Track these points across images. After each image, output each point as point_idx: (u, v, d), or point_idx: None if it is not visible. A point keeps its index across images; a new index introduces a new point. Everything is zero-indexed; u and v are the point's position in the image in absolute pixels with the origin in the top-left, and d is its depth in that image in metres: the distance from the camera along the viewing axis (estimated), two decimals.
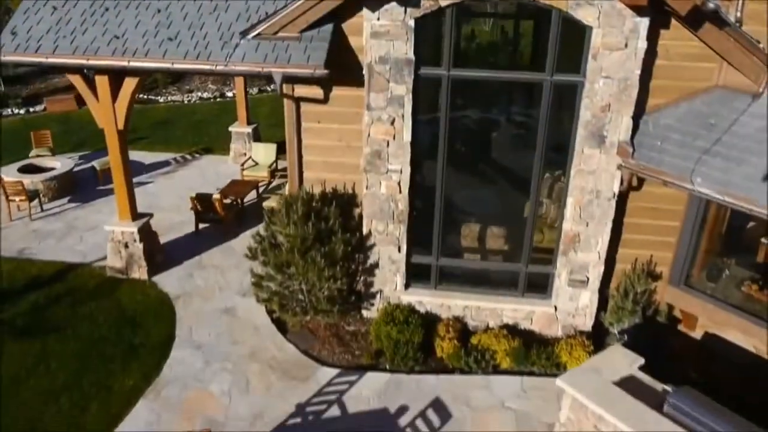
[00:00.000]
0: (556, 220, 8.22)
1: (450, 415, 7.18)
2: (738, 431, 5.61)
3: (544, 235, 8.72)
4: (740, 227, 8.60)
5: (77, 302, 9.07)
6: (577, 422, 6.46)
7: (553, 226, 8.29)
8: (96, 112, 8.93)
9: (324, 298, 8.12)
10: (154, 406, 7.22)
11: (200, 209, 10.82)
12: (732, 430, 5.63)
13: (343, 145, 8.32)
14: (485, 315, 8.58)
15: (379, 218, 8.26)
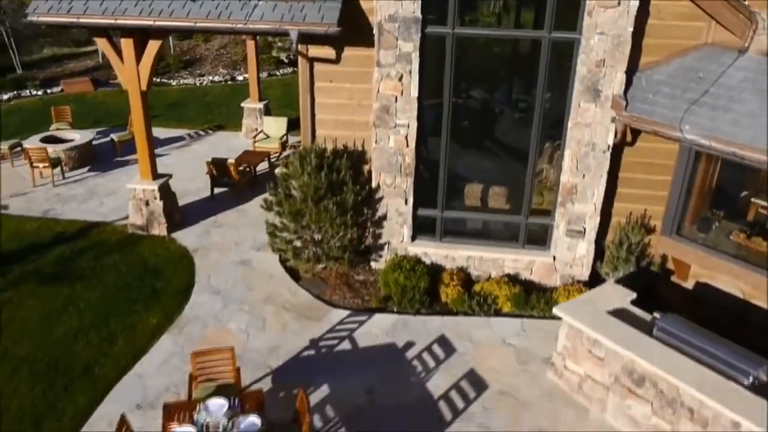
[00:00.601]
0: (555, 183, 8.68)
1: (454, 349, 7.66)
2: (724, 350, 6.07)
3: (543, 197, 9.21)
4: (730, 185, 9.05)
5: (101, 254, 9.59)
6: (572, 349, 6.93)
7: (552, 188, 8.76)
8: (121, 73, 9.45)
9: (336, 246, 8.62)
10: (178, 340, 7.72)
11: (215, 174, 11.33)
12: (719, 348, 6.09)
13: (353, 103, 8.82)
14: (488, 266, 9.06)
15: (387, 171, 8.75)
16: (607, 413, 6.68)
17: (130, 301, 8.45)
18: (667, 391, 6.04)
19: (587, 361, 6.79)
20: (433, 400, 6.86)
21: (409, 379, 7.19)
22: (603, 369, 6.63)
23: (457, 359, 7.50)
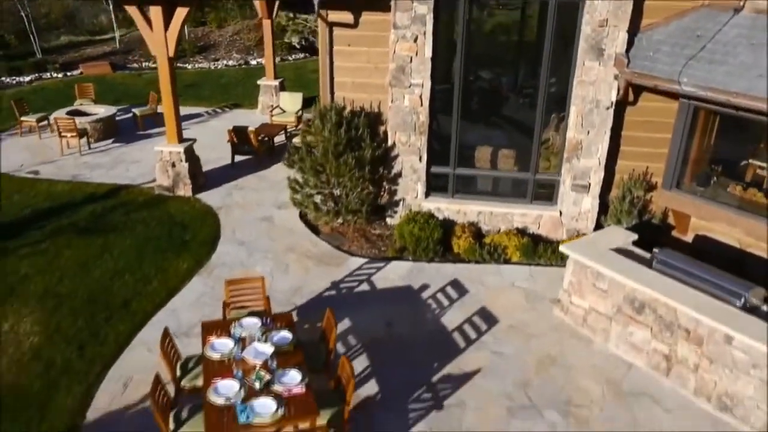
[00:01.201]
0: (561, 149, 9.16)
1: (467, 290, 8.17)
2: (718, 276, 6.57)
3: (550, 162, 9.71)
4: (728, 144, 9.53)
5: (130, 211, 10.14)
6: (577, 284, 7.43)
7: (558, 154, 9.26)
8: (150, 40, 10.01)
9: (354, 200, 9.14)
10: (207, 281, 8.25)
11: (236, 141, 11.87)
12: (713, 275, 6.58)
13: (370, 66, 9.35)
14: (497, 220, 9.56)
15: (402, 130, 9.26)
16: (610, 342, 7.17)
17: (161, 249, 8.99)
18: (666, 315, 6.53)
19: (591, 294, 7.28)
20: (448, 332, 7.36)
21: (425, 315, 7.70)
22: (606, 300, 7.12)
23: (470, 299, 8.00)
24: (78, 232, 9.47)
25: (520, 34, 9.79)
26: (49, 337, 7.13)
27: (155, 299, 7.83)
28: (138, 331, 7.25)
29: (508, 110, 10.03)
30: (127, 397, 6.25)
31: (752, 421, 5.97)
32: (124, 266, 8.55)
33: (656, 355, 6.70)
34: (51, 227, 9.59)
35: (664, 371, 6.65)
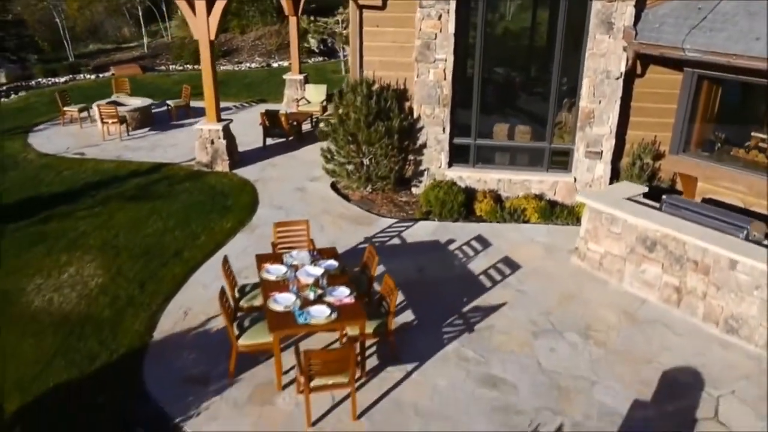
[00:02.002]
0: (572, 128, 9.88)
1: (490, 244, 8.84)
2: (723, 213, 7.22)
3: (563, 139, 10.41)
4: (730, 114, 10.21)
5: (173, 183, 10.92)
6: (593, 231, 8.09)
7: (570, 132, 9.98)
8: (193, 25, 10.87)
9: (384, 167, 9.87)
10: (250, 237, 8.97)
11: (268, 124, 12.67)
12: (718, 212, 7.24)
13: (396, 45, 10.14)
14: (516, 188, 10.24)
15: (427, 103, 10.01)
16: (624, 282, 7.80)
17: (205, 212, 9.73)
18: (675, 250, 7.17)
19: (606, 239, 7.94)
20: (475, 275, 8.03)
21: (452, 262, 8.37)
22: (620, 243, 7.77)
23: (493, 250, 8.67)
24: (127, 199, 10.24)
25: (534, 12, 10.58)
26: (112, 278, 7.84)
27: (204, 250, 8.54)
28: (192, 274, 7.95)
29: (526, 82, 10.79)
30: (187, 323, 6.93)
31: (756, 339, 6.57)
32: (173, 225, 9.29)
33: (667, 289, 7.33)
34: (102, 196, 10.36)
35: (675, 303, 7.27)
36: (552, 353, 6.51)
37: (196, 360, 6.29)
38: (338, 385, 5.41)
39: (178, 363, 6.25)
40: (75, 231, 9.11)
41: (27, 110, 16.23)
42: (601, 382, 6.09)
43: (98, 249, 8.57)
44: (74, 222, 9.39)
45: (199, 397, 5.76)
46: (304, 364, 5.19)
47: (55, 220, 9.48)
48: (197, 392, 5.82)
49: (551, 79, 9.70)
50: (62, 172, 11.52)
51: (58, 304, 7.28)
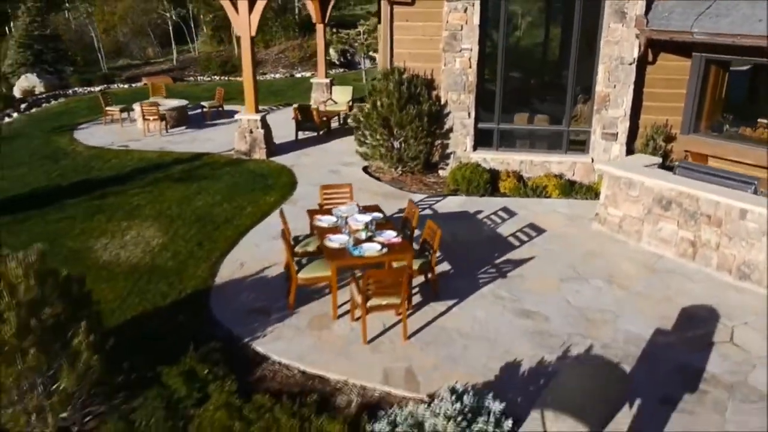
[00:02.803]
0: (588, 117, 10.65)
1: (515, 213, 9.51)
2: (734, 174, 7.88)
3: (578, 131, 11.15)
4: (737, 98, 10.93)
5: (215, 168, 11.70)
6: (612, 196, 8.76)
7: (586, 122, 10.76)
8: (236, 22, 11.78)
9: (414, 148, 10.62)
10: (293, 208, 9.67)
11: (300, 118, 13.49)
12: (728, 172, 7.90)
13: (425, 38, 10.97)
14: (537, 169, 10.95)
15: (453, 89, 10.80)
16: (642, 241, 8.44)
17: (249, 189, 10.48)
18: (689, 206, 7.82)
19: (625, 203, 8.60)
20: (504, 237, 8.69)
21: (482, 228, 9.05)
22: (638, 205, 8.43)
23: (518, 218, 9.34)
24: (174, 180, 11.02)
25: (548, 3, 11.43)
26: (171, 238, 8.57)
27: (252, 218, 9.26)
28: (242, 237, 8.66)
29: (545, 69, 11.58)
30: (244, 272, 7.61)
31: (765, 283, 7.17)
32: (221, 200, 10.03)
33: (683, 243, 7.96)
34: (150, 178, 11.15)
35: (691, 256, 7.90)
36: (579, 294, 7.13)
37: (257, 298, 6.97)
38: (391, 306, 6.06)
39: (240, 299, 6.92)
40: (130, 204, 9.86)
41: (68, 113, 17.19)
42: (624, 315, 6.70)
43: (154, 218, 9.31)
44: (128, 198, 10.16)
45: (263, 324, 6.42)
46: (362, 284, 5.86)
47: (111, 196, 10.25)
48: (261, 320, 6.48)
49: (569, 67, 10.48)
50: (110, 161, 12.34)
51: (125, 258, 7.99)
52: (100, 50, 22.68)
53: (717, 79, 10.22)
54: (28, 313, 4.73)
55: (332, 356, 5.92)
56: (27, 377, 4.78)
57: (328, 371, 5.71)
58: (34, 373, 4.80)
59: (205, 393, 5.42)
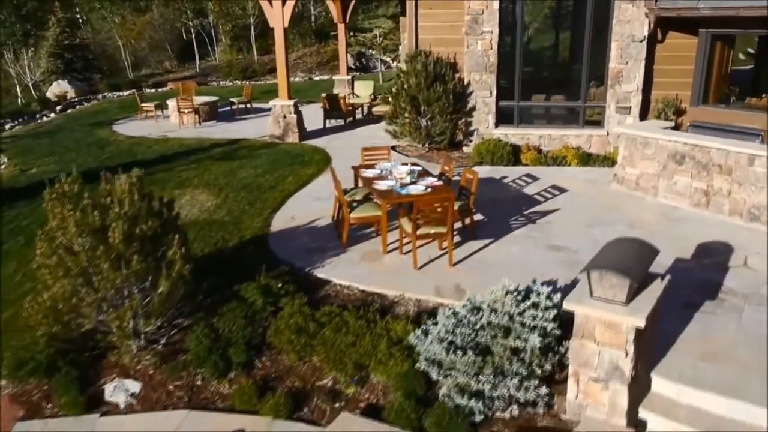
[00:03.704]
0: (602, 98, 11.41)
1: (538, 178, 10.22)
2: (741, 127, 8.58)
3: (594, 110, 11.91)
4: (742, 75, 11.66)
5: (253, 150, 12.47)
6: (629, 156, 9.46)
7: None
8: (269, 14, 12.63)
9: (441, 124, 11.38)
10: (327, 179, 10.32)
11: (328, 107, 14.29)
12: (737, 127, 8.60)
13: (447, 24, 11.78)
14: (555, 142, 11.67)
15: (475, 70, 11.58)
16: (658, 196, 9.11)
17: (287, 164, 11.25)
18: (701, 158, 8.51)
19: (641, 161, 9.29)
20: (530, 195, 9.39)
21: (509, 189, 9.75)
22: (653, 162, 9.12)
23: (541, 181, 10.04)
24: (215, 159, 11.80)
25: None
26: (223, 200, 9.32)
27: (294, 185, 10.00)
28: (288, 198, 9.41)
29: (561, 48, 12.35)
30: (295, 223, 8.34)
31: None
32: (263, 172, 10.79)
33: (697, 194, 8.64)
34: (193, 158, 11.94)
35: (704, 205, 8.57)
36: (604, 234, 7.75)
37: (311, 240, 7.68)
38: (438, 235, 6.76)
39: (296, 242, 7.63)
40: (179, 178, 10.63)
41: (102, 112, 18.10)
42: None
43: (204, 186, 10.07)
44: (176, 173, 10.93)
45: (320, 258, 7.12)
46: (413, 214, 6.56)
47: (159, 173, 11.02)
48: (318, 256, 7.18)
49: (583, 47, 11.25)
50: (152, 147, 13.15)
51: (183, 216, 8.66)
52: (126, 59, 23.66)
53: (722, 54, 10.95)
54: (131, 224, 5.46)
55: (387, 278, 6.61)
56: (130, 281, 5.50)
57: (385, 289, 6.40)
58: (136, 277, 5.51)
59: (278, 306, 6.11)
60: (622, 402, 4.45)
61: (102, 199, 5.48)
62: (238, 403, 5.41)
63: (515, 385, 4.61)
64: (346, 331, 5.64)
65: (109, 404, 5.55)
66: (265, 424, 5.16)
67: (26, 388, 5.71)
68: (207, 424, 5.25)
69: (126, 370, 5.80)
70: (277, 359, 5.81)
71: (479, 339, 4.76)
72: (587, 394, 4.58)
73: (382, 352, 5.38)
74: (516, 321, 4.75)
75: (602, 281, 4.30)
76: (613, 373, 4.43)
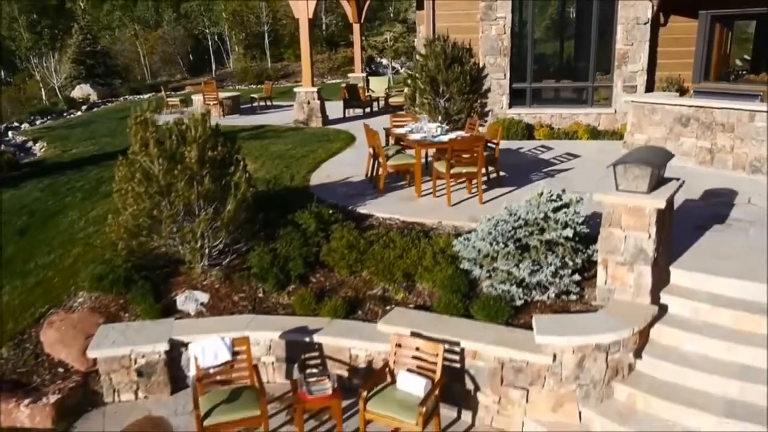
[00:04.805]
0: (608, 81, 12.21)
1: (551, 148, 10.92)
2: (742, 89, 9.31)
3: (600, 94, 12.69)
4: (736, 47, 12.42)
5: (279, 132, 13.19)
6: (637, 123, 10.17)
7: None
8: (294, 7, 13.46)
9: (459, 103, 12.13)
10: (356, 151, 11.12)
11: (348, 96, 15.06)
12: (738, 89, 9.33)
13: (463, 13, 12.59)
14: (566, 121, 12.40)
15: (490, 54, 12.36)
16: None
17: (315, 141, 11.95)
18: (705, 119, 9.22)
19: (649, 127, 10.00)
20: (545, 160, 10.08)
21: (526, 156, 10.45)
22: (660, 127, 9.83)
23: (555, 150, 10.75)
24: (245, 140, 12.47)
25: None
26: (260, 165, 9.99)
27: (324, 155, 10.70)
28: (320, 165, 10.09)
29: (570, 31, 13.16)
30: (331, 179, 9.02)
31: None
32: (293, 146, 11.49)
33: (702, 152, 9.33)
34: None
35: (709, 162, 9.25)
36: None
37: (349, 190, 8.37)
38: (470, 174, 7.43)
39: (336, 191, 8.31)
40: None
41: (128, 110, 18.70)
42: None
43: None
44: None
45: (360, 200, 7.79)
46: (448, 155, 7.24)
47: None
48: (358, 199, 7.86)
49: (591, 30, 12.06)
50: None
51: None
52: (146, 65, 24.59)
53: (722, 35, 11.74)
54: (202, 149, 6.14)
55: (424, 212, 7.28)
56: (201, 200, 6.16)
57: (424, 219, 7.05)
58: (206, 197, 6.17)
59: (328, 233, 6.76)
60: (647, 282, 5.08)
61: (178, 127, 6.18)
62: (297, 308, 6.03)
63: (551, 272, 5.25)
64: (393, 246, 6.28)
65: (180, 312, 6.18)
66: (324, 324, 5.77)
67: (104, 301, 6.33)
68: (271, 324, 5.86)
69: (194, 285, 6.43)
70: (330, 275, 6.45)
71: (518, 235, 5.41)
72: (615, 278, 5.22)
73: (428, 261, 6.01)
74: (551, 219, 5.40)
75: (626, 174, 4.97)
76: (637, 256, 5.07)
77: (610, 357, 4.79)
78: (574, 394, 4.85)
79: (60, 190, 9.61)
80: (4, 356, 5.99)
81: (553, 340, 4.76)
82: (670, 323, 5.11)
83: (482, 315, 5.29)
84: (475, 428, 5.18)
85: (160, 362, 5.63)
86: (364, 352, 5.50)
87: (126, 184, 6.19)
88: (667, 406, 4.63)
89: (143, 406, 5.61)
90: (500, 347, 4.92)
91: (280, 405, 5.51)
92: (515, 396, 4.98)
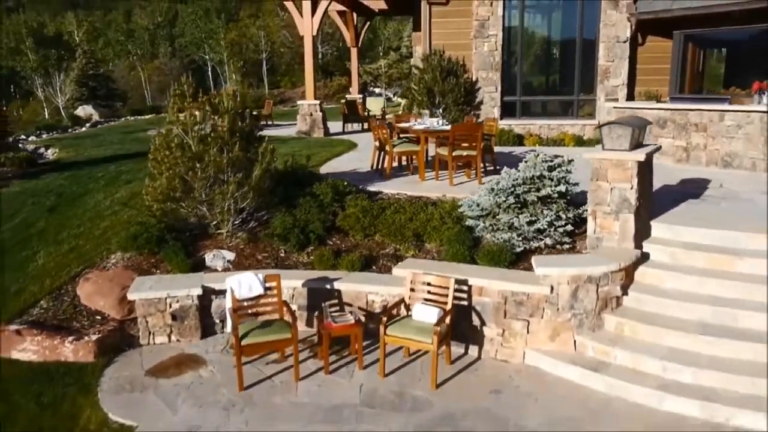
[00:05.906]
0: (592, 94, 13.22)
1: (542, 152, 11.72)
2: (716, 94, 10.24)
3: (585, 109, 13.68)
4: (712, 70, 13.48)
5: (284, 140, 13.91)
6: None
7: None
8: (299, 24, 14.38)
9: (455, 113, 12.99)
10: (357, 154, 11.86)
11: (347, 112, 15.90)
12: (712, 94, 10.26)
13: (457, 31, 13.60)
14: (553, 131, 13.30)
15: (483, 69, 13.31)
16: None
17: (318, 146, 12.68)
18: (680, 120, 10.12)
19: None
20: None
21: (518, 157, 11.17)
22: None
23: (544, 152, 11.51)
24: None
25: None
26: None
27: (329, 156, 11.43)
28: (326, 162, 10.80)
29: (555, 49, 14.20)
30: (339, 170, 9.70)
31: (744, 165, 9.38)
32: (299, 149, 12.19)
33: (678, 151, 10.19)
34: None
35: (685, 159, 10.11)
36: None
37: (356, 177, 9.04)
38: (470, 157, 8.17)
39: (346, 176, 8.98)
40: None
41: (131, 126, 19.54)
42: None
43: None
44: None
45: (369, 183, 8.47)
46: (450, 137, 7.99)
47: None
48: (367, 182, 8.54)
49: (575, 49, 13.08)
50: None
51: None
52: (146, 89, 25.40)
53: (694, 53, 12.81)
54: (233, 120, 6.84)
55: (429, 189, 7.98)
56: (230, 167, 6.82)
57: (429, 194, 7.75)
58: (235, 164, 6.84)
59: (343, 203, 7.42)
60: (630, 227, 5.79)
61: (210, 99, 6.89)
62: (317, 265, 6.64)
63: (547, 222, 5.95)
64: (403, 211, 6.95)
65: (209, 269, 6.75)
66: (342, 275, 6.38)
67: (136, 261, 6.89)
68: (294, 275, 6.45)
69: (220, 246, 7.02)
70: (346, 239, 7.09)
71: (517, 191, 6.12)
72: (603, 227, 5.92)
73: (436, 221, 6.69)
74: (546, 177, 6.12)
75: (611, 133, 5.73)
76: (622, 205, 5.79)
77: (600, 289, 5.45)
78: (570, 323, 5.48)
79: (82, 179, 10.18)
80: (44, 306, 6.50)
81: (550, 271, 5.42)
82: (651, 266, 5.80)
83: (486, 260, 5.94)
84: (481, 361, 5.77)
85: (193, 307, 6.18)
86: (380, 297, 6.09)
87: (163, 151, 6.84)
88: (651, 331, 5.28)
89: (177, 347, 6.13)
90: (504, 281, 5.57)
91: (303, 346, 6.05)
92: (517, 327, 5.60)
